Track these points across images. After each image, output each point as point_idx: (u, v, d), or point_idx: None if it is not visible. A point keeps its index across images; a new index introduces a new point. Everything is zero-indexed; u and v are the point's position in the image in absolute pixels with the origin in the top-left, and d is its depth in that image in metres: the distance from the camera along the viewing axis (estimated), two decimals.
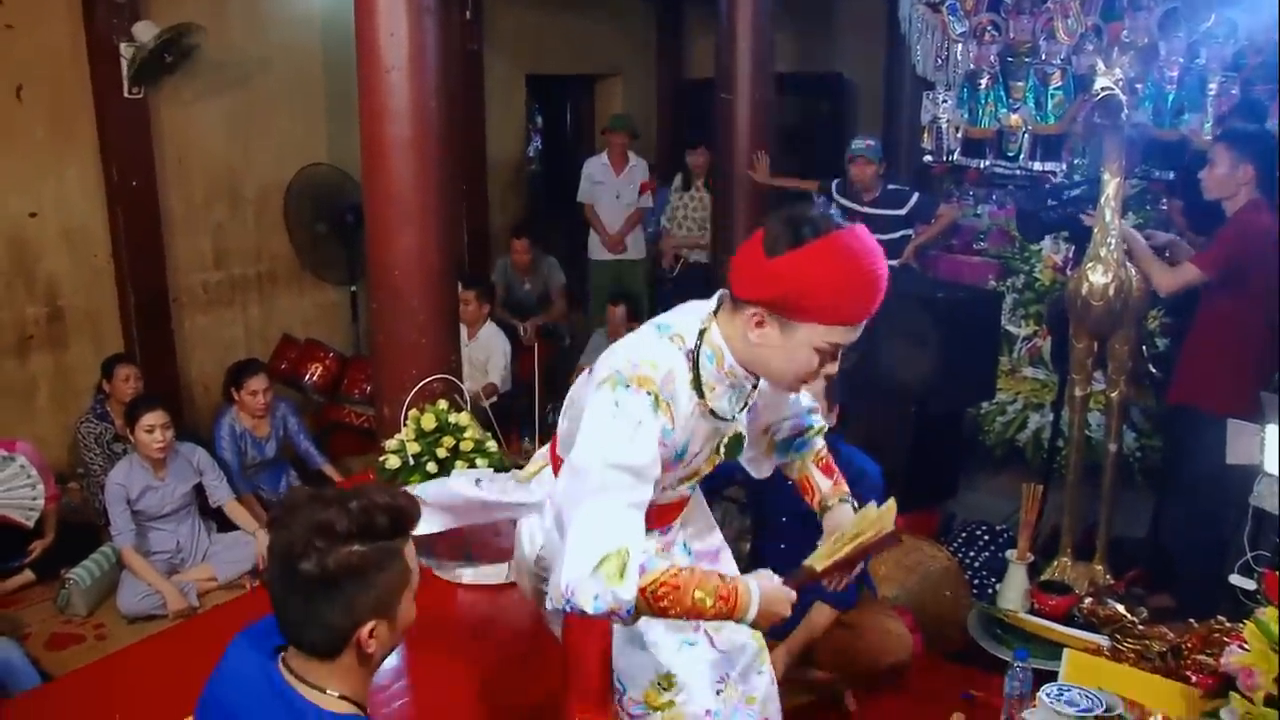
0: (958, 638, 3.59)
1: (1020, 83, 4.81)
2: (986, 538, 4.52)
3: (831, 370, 1.87)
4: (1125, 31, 4.70)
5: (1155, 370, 4.49)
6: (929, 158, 5.28)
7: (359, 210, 5.02)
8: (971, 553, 4.43)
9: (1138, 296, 3.80)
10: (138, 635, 3.94)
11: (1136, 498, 4.49)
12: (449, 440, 4.06)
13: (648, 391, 1.79)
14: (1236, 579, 3.09)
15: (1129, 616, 2.87)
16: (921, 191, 5.74)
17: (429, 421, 4.08)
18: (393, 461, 4.08)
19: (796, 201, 1.73)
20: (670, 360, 1.86)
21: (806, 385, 1.97)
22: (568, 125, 9.29)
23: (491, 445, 4.17)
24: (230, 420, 4.98)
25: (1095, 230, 3.77)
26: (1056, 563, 4.07)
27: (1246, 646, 2.04)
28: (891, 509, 1.96)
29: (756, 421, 2.19)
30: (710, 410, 1.92)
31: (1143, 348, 4.28)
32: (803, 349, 1.82)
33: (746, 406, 2.03)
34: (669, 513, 2.14)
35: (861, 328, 1.84)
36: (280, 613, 1.55)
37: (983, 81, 4.90)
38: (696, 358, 1.89)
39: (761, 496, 3.19)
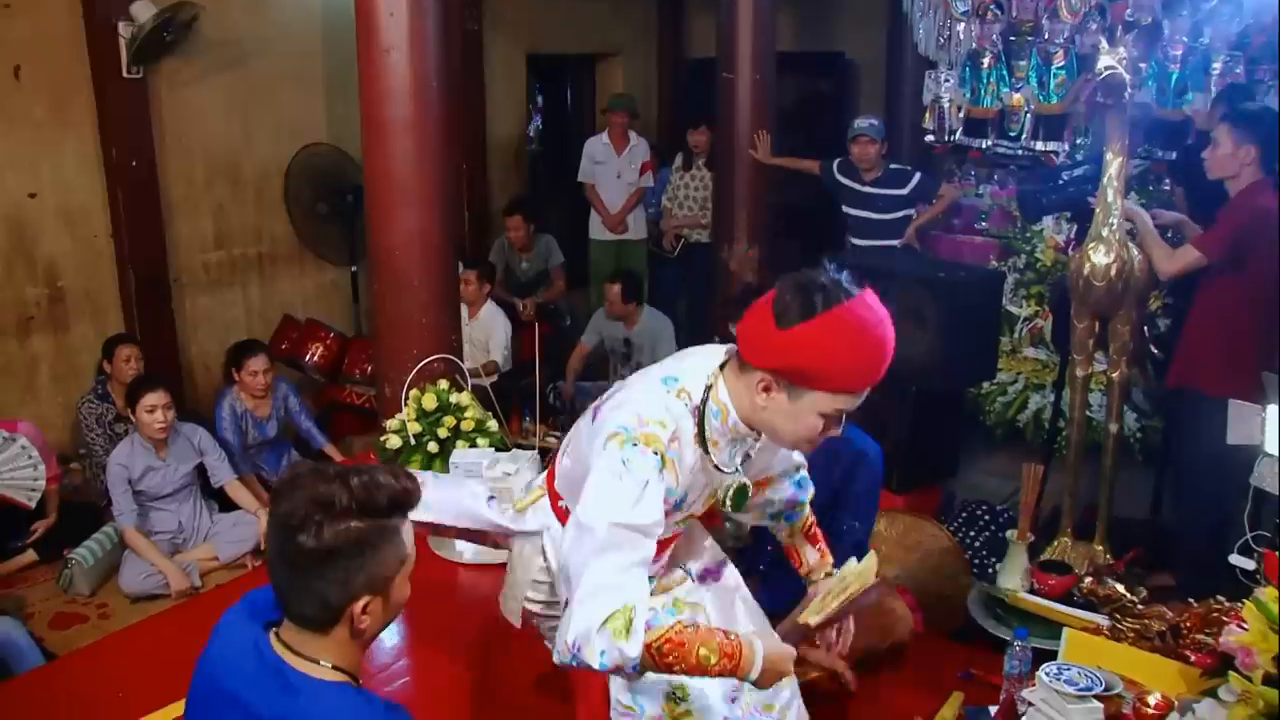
0: (958, 617, 3.60)
1: (1023, 62, 4.76)
2: (987, 518, 4.53)
3: (835, 432, 1.90)
4: (1129, 10, 4.67)
5: (1157, 351, 4.49)
6: (930, 137, 5.24)
7: (359, 191, 5.02)
8: (972, 532, 4.44)
9: (1139, 277, 3.79)
10: (140, 615, 3.96)
11: (1137, 478, 4.49)
12: (450, 420, 4.06)
13: (655, 451, 1.82)
14: (1236, 559, 3.10)
15: (1128, 596, 2.88)
16: (923, 171, 5.73)
17: (430, 401, 4.09)
18: (394, 441, 4.09)
19: (803, 268, 1.77)
20: (677, 419, 1.88)
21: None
22: (568, 105, 9.25)
23: (492, 424, 4.18)
24: (231, 400, 4.99)
25: (1097, 210, 3.76)
26: (1057, 543, 4.08)
27: (1245, 626, 2.04)
28: (873, 561, 2.00)
29: (749, 471, 2.21)
30: (714, 464, 1.96)
31: (1144, 328, 4.27)
32: (809, 414, 1.86)
33: (746, 459, 2.06)
34: (664, 544, 2.16)
35: (867, 391, 1.86)
36: (276, 583, 1.56)
37: (985, 61, 4.86)
38: (702, 413, 1.92)
39: None
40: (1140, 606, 2.81)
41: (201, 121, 5.83)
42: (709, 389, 1.92)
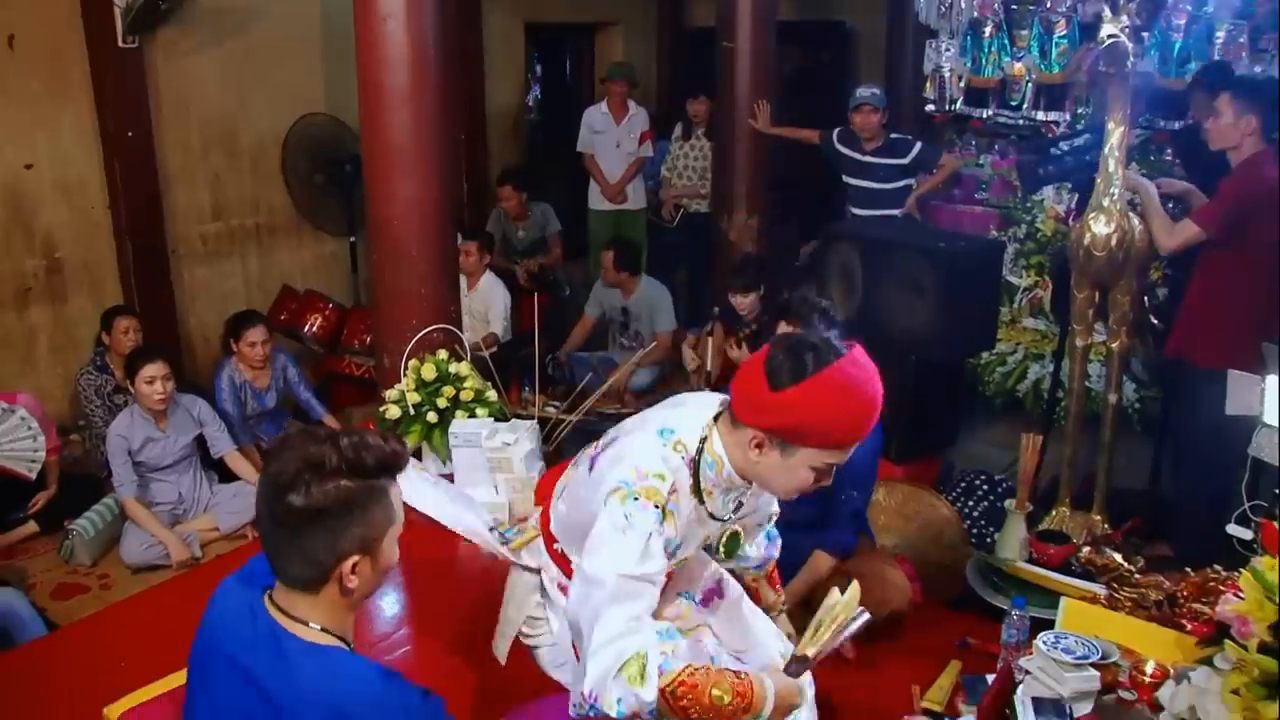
0: (956, 586, 3.61)
1: (1024, 31, 4.74)
2: (985, 487, 4.54)
3: (826, 482, 1.98)
4: None
5: (1156, 321, 4.48)
6: (931, 107, 5.22)
7: (357, 160, 4.99)
8: (970, 502, 4.45)
9: (1140, 247, 3.77)
10: (142, 585, 3.98)
11: (1135, 448, 4.50)
12: (449, 390, 4.07)
13: (655, 505, 1.88)
14: (1234, 529, 3.11)
15: (1126, 565, 2.88)
16: (924, 141, 5.70)
17: (429, 371, 4.09)
18: (393, 411, 4.10)
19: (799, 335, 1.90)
20: (674, 472, 1.94)
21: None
22: (567, 74, 9.20)
23: (491, 395, 4.19)
24: (230, 371, 4.98)
25: (1098, 180, 3.74)
26: (1055, 512, 4.09)
27: (1242, 595, 2.04)
28: (856, 590, 2.03)
29: (740, 517, 2.27)
30: (709, 513, 2.04)
31: (1144, 299, 4.26)
32: (801, 469, 1.93)
33: (739, 508, 2.14)
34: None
35: (856, 445, 1.94)
36: (267, 544, 1.58)
37: (986, 29, 4.83)
38: (698, 465, 1.98)
39: None
40: (1137, 576, 2.82)
41: (198, 91, 5.80)
42: (704, 440, 1.99)
